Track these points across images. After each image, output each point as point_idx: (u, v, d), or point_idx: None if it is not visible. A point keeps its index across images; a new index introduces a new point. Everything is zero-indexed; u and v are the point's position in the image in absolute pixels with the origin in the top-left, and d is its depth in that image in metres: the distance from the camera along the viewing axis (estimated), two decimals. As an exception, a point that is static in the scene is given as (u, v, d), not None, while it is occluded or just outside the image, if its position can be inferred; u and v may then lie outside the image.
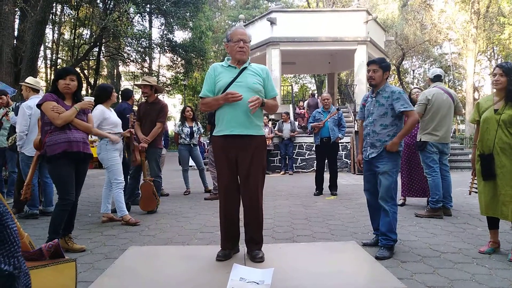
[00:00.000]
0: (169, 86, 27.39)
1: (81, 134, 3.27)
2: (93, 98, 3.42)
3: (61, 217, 3.16)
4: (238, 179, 2.66)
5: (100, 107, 4.21)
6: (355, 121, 12.30)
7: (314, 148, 7.58)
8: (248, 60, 2.73)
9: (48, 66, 21.85)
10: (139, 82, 5.08)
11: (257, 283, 1.96)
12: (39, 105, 3.19)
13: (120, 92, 6.70)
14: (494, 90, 3.18)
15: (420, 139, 4.55)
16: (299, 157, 11.14)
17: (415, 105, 4.62)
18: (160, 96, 5.00)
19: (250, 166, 2.58)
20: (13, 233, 0.79)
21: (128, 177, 5.11)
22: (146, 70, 23.97)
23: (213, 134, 2.74)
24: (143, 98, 5.06)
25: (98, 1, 18.72)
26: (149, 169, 5.07)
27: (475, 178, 3.30)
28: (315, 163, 6.89)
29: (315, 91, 29.85)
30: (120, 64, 24.73)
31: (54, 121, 3.10)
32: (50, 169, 3.28)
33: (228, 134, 2.58)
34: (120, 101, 5.74)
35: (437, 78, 4.74)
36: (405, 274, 2.64)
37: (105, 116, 4.19)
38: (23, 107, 4.39)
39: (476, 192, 3.29)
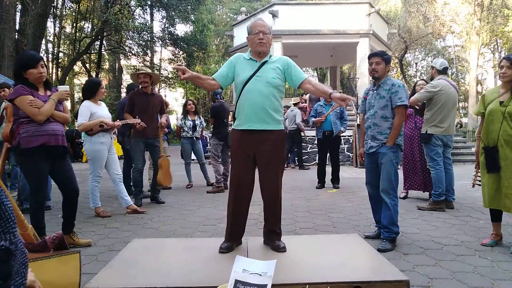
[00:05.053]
0: (170, 80, 27.37)
1: (59, 127, 3.06)
2: (68, 86, 3.29)
3: (39, 215, 3.02)
4: (252, 175, 2.64)
5: (85, 103, 4.16)
6: (357, 114, 12.25)
7: (316, 142, 7.56)
8: (270, 52, 2.69)
9: (50, 59, 21.82)
10: (140, 71, 4.95)
11: (260, 275, 1.96)
12: (11, 100, 2.88)
13: (126, 86, 6.77)
14: (499, 83, 3.15)
15: (426, 131, 4.46)
16: (302, 151, 11.10)
17: (420, 91, 4.52)
18: (162, 90, 4.97)
19: (270, 160, 2.57)
20: (8, 209, 0.80)
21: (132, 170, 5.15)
22: (148, 63, 23.93)
23: (232, 127, 2.70)
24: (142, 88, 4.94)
25: (99, -6, 18.66)
26: (151, 157, 5.14)
27: (479, 170, 3.29)
28: (317, 157, 6.88)
29: (317, 85, 29.67)
30: (121, 57, 24.72)
31: (35, 117, 2.84)
32: (22, 163, 3.01)
33: (247, 128, 2.56)
34: (125, 95, 5.74)
35: (445, 71, 4.67)
36: (407, 266, 2.65)
37: (91, 111, 4.13)
38: None
39: (479, 185, 3.28)
